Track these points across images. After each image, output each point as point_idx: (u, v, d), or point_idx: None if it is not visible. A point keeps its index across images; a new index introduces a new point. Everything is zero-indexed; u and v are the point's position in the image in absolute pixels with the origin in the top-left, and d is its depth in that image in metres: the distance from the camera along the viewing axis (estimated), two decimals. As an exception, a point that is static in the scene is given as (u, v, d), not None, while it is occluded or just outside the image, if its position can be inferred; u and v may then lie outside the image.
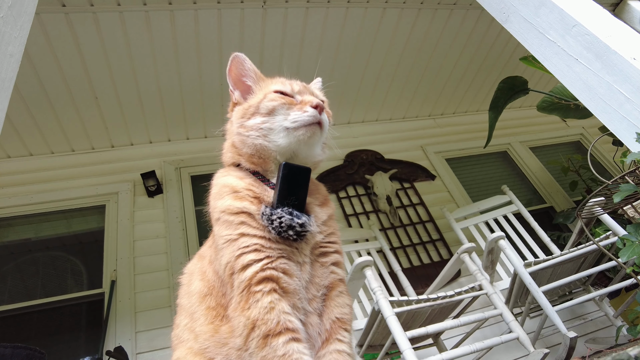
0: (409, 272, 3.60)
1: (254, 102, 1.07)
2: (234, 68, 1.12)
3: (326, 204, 1.12)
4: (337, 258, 1.06)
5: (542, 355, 2.08)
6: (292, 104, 1.04)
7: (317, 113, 1.02)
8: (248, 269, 0.92)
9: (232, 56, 1.11)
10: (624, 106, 1.33)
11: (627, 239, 1.59)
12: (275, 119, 1.03)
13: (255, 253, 0.93)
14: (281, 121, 1.02)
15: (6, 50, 1.18)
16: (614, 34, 1.41)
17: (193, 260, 1.13)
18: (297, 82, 1.13)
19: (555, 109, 3.49)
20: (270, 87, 1.09)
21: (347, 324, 1.02)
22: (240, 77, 1.13)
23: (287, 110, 1.03)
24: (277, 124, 1.02)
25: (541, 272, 2.48)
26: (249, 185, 1.02)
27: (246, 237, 0.95)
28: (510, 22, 1.72)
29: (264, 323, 0.87)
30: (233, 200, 0.99)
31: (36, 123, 3.59)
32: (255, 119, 1.04)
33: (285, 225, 0.95)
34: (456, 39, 4.24)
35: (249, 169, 1.07)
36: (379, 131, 4.89)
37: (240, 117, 1.07)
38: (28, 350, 1.56)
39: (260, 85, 1.12)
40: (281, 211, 0.96)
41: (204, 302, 0.99)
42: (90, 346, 3.10)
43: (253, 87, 1.12)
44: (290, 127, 1.01)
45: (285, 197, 0.98)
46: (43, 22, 2.94)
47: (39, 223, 3.65)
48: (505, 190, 3.70)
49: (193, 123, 4.16)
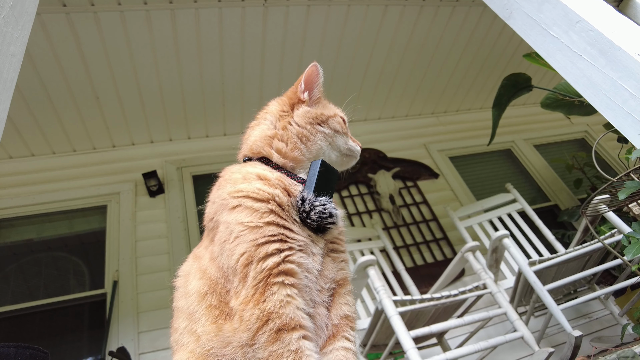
0: (413, 271, 3.59)
1: (328, 113, 1.22)
2: (312, 74, 1.22)
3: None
4: (346, 256, 1.09)
5: (547, 355, 2.06)
6: (347, 135, 1.26)
7: (360, 152, 1.27)
8: (270, 259, 0.90)
9: (313, 64, 1.21)
10: (629, 102, 1.31)
11: (632, 236, 1.58)
12: (337, 138, 1.21)
13: (281, 243, 0.93)
14: (341, 143, 1.21)
15: (8, 50, 1.18)
16: (619, 29, 1.39)
17: (187, 262, 1.10)
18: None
19: (559, 106, 3.46)
20: (336, 110, 1.27)
21: (354, 322, 1.03)
22: (313, 83, 1.22)
23: (346, 137, 1.24)
24: (337, 143, 1.20)
25: (546, 270, 2.46)
26: (279, 177, 1.05)
27: (273, 226, 0.94)
28: (513, 19, 1.70)
29: (279, 317, 0.85)
30: (263, 185, 1.00)
31: (38, 123, 3.60)
32: (324, 128, 1.19)
33: (327, 213, 1.00)
34: (459, 36, 4.22)
35: (276, 163, 1.10)
36: (381, 129, 4.87)
37: (312, 117, 1.18)
38: (32, 349, 1.55)
39: (321, 102, 1.26)
40: (314, 198, 1.01)
41: (204, 301, 0.96)
42: (93, 346, 3.10)
43: (316, 98, 1.24)
44: (344, 152, 1.22)
45: (320, 190, 1.04)
46: (44, 22, 2.94)
47: (41, 224, 3.66)
48: (509, 188, 3.68)
49: (194, 122, 4.15)
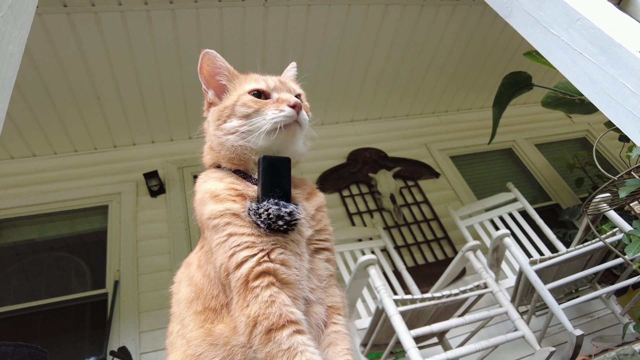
0: (414, 270, 3.59)
1: (229, 103, 1.04)
2: (206, 66, 1.07)
3: (313, 194, 1.11)
4: (328, 255, 1.06)
5: (548, 354, 2.06)
6: (267, 105, 1.01)
7: (295, 112, 1.00)
8: (243, 266, 0.91)
9: (203, 53, 1.06)
10: (630, 100, 1.31)
11: (633, 234, 1.58)
12: (253, 120, 1.00)
13: (248, 249, 0.92)
14: (259, 122, 0.99)
15: (6, 49, 1.18)
16: (619, 27, 1.39)
17: (181, 269, 1.12)
18: (272, 77, 1.09)
19: (560, 105, 3.46)
20: (244, 86, 1.05)
21: (340, 309, 1.03)
22: (214, 75, 1.08)
23: (263, 111, 1.00)
24: (255, 126, 1.00)
25: (547, 269, 2.46)
26: (229, 184, 1.00)
27: (235, 236, 0.93)
28: (514, 17, 1.70)
29: (266, 318, 0.86)
30: (215, 204, 0.97)
31: (39, 124, 3.60)
32: (232, 122, 1.02)
33: (273, 217, 0.93)
34: (459, 35, 4.21)
35: (230, 168, 1.06)
36: (382, 129, 4.87)
37: (216, 120, 1.05)
38: (30, 348, 1.56)
39: (235, 84, 1.08)
40: (267, 203, 0.95)
41: (191, 307, 0.99)
42: (95, 346, 3.10)
43: (227, 86, 1.09)
44: (269, 128, 0.99)
45: (269, 189, 0.97)
46: (45, 22, 2.94)
47: (43, 224, 3.66)
48: (510, 187, 3.67)
49: (195, 122, 4.09)
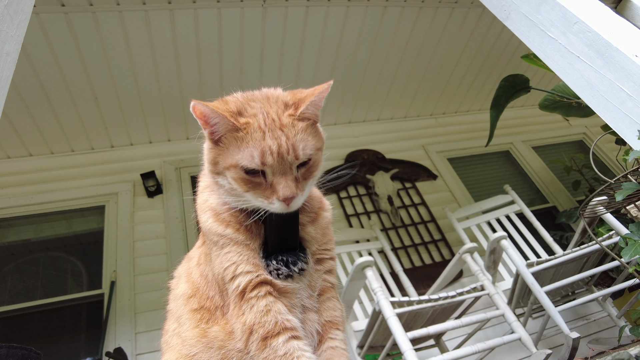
0: (411, 272, 3.59)
1: (222, 163, 0.87)
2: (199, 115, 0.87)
3: (319, 214, 1.03)
4: (331, 266, 1.04)
5: (545, 356, 2.06)
6: (258, 188, 0.86)
7: (285, 206, 0.84)
8: (240, 278, 0.90)
9: (192, 105, 0.85)
10: (626, 104, 1.32)
11: (629, 237, 1.57)
12: (244, 196, 0.88)
13: (246, 265, 0.91)
14: (251, 200, 0.88)
15: (2, 48, 1.18)
16: (616, 31, 1.40)
17: (182, 263, 1.12)
18: (273, 146, 0.83)
19: (558, 107, 3.47)
20: (238, 154, 0.84)
21: (339, 324, 1.02)
22: (208, 123, 0.88)
23: (254, 193, 0.86)
24: (246, 200, 0.89)
25: (544, 272, 2.46)
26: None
27: (235, 254, 0.92)
28: (511, 20, 1.70)
29: (262, 326, 0.87)
30: (216, 223, 0.93)
31: (36, 123, 3.59)
32: (223, 182, 0.89)
33: (283, 277, 0.92)
34: (457, 37, 4.22)
35: None
36: (380, 130, 4.87)
37: (210, 163, 0.91)
38: (24, 350, 1.55)
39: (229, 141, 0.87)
40: (276, 263, 0.92)
41: (188, 304, 0.98)
42: (90, 347, 3.09)
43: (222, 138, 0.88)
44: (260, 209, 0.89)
45: (277, 245, 0.94)
46: (42, 21, 2.93)
47: (39, 224, 3.65)
48: (507, 189, 3.68)
49: (193, 123, 4.12)
